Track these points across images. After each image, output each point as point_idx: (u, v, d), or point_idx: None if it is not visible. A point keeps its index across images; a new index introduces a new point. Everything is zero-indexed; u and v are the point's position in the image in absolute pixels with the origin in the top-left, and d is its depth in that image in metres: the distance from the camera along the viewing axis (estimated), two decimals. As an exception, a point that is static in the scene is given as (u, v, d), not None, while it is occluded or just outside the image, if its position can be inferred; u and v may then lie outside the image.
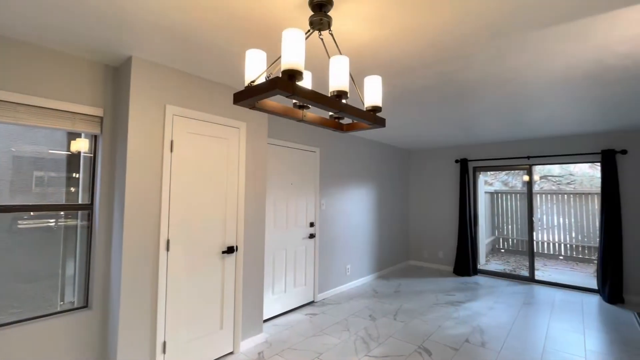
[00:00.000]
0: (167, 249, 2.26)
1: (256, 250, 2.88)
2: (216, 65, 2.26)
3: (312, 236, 3.91)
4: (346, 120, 3.25)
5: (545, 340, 2.99)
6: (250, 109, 1.31)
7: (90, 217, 2.28)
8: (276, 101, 2.89)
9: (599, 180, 4.36)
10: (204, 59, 2.16)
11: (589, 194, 6.84)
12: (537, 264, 6.27)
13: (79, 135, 2.27)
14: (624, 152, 4.23)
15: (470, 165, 5.59)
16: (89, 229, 2.27)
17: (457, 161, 5.64)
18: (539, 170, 8.37)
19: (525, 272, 5.50)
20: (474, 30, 1.71)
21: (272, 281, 3.46)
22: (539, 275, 5.32)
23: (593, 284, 4.74)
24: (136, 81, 2.12)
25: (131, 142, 2.10)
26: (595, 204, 6.62)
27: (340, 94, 1.30)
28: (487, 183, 8.40)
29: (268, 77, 1.24)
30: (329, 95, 1.32)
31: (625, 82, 2.45)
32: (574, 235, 7.01)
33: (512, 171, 7.57)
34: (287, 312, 3.61)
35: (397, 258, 5.79)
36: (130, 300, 2.07)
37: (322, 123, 1.61)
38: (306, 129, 3.91)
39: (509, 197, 7.69)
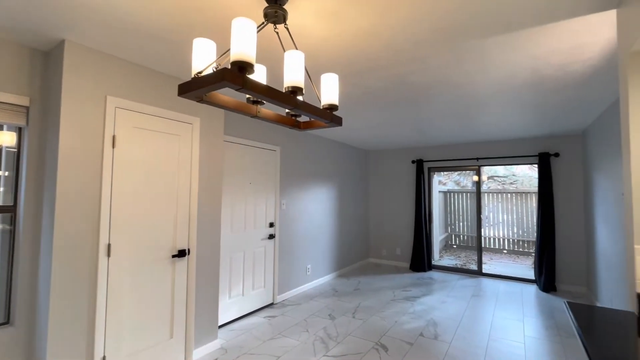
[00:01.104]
0: (108, 255, 2.05)
1: (211, 253, 2.74)
2: (165, 55, 2.10)
3: (271, 237, 3.82)
4: (304, 118, 3.21)
5: (490, 329, 3.21)
6: (197, 102, 1.22)
7: (13, 221, 2.00)
8: (229, 95, 2.77)
9: (537, 180, 4.78)
10: (151, 48, 1.99)
11: (529, 193, 7.51)
12: (484, 258, 6.74)
13: (0, 127, 1.98)
14: (557, 155, 4.68)
15: (426, 165, 5.85)
16: (12, 233, 2.00)
17: (413, 162, 5.87)
18: (486, 171, 9.01)
19: (474, 266, 5.87)
20: (426, 34, 1.76)
21: (228, 285, 3.32)
22: (486, 268, 5.72)
23: (531, 274, 5.19)
24: (70, 68, 1.90)
25: (64, 136, 1.87)
26: (534, 202, 7.29)
27: (295, 90, 1.26)
28: (441, 183, 8.88)
29: (217, 69, 1.16)
30: (284, 91, 1.27)
31: (558, 92, 2.70)
32: (515, 230, 7.65)
33: (464, 171, 8.07)
34: (245, 316, 3.49)
35: (357, 256, 5.89)
36: (61, 314, 1.85)
37: (278, 120, 1.56)
38: (266, 127, 3.82)
39: (460, 196, 8.19)
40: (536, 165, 4.86)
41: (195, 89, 1.09)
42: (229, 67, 1.13)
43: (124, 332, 2.13)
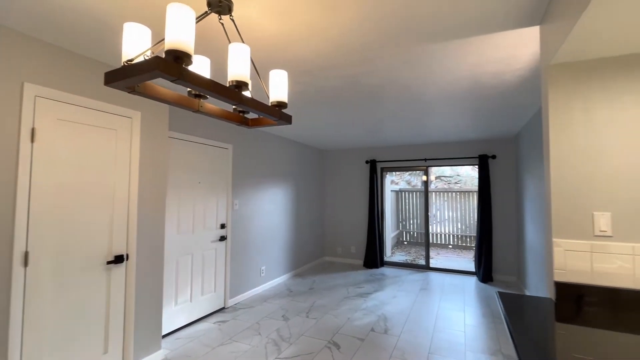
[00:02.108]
0: (25, 264, 1.80)
1: (153, 258, 2.54)
2: (97, 41, 1.90)
3: (223, 238, 3.67)
4: (252, 115, 3.13)
5: (436, 320, 3.41)
6: (129, 92, 1.11)
7: None
8: (169, 88, 2.60)
9: (477, 180, 5.18)
10: (80, 31, 1.78)
11: (471, 191, 8.15)
12: (432, 253, 7.17)
13: None
14: (494, 157, 5.12)
15: (379, 166, 6.05)
16: None
17: (367, 162, 6.04)
18: (434, 171, 9.60)
19: (423, 261, 6.21)
20: (375, 36, 1.80)
21: (175, 291, 3.11)
22: (433, 263, 6.07)
23: (472, 267, 5.63)
24: (-26, 48, 1.63)
25: (-34, 127, 1.60)
26: (475, 200, 7.92)
27: (240, 85, 1.20)
28: (394, 182, 9.27)
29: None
30: (228, 85, 1.21)
31: (494, 98, 2.94)
32: (460, 226, 8.25)
33: (414, 171, 8.51)
34: (194, 323, 3.30)
35: (313, 255, 5.91)
36: (-36, 335, 1.58)
37: (224, 116, 1.48)
38: (218, 124, 3.65)
39: (411, 195, 8.62)
40: (477, 166, 5.27)
41: (124, 78, 0.99)
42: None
43: (46, 350, 1.89)
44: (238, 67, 1.19)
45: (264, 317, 3.45)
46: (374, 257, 5.74)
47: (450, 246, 8.24)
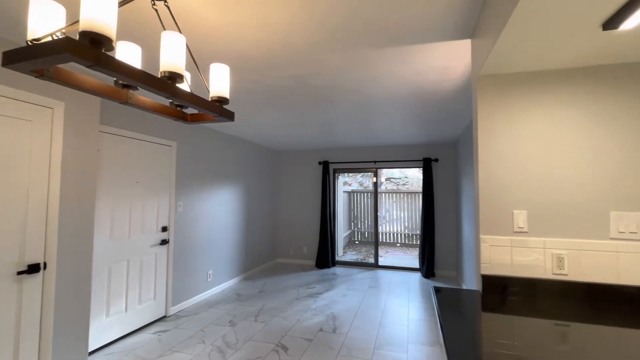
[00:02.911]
0: None
1: (78, 266, 2.27)
2: (2, 17, 1.65)
3: (164, 242, 3.42)
4: (192, 111, 2.98)
5: (382, 316, 3.53)
6: (36, 77, 0.96)
7: None
8: (99, 77, 2.36)
9: (422, 181, 5.51)
10: (-19, 3, 1.53)
11: (417, 193, 8.64)
12: (381, 252, 7.45)
13: None
14: (436, 160, 5.49)
15: (331, 167, 6.14)
16: None
17: (320, 163, 6.09)
18: (384, 173, 10.03)
19: (372, 260, 6.43)
20: (322, 37, 1.81)
21: (106, 301, 2.83)
22: (382, 261, 6.31)
23: (417, 264, 5.96)
24: None
25: None
26: (420, 201, 8.42)
27: (174, 76, 1.11)
28: (347, 183, 9.49)
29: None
30: (159, 76, 1.11)
31: (435, 105, 3.14)
32: (406, 225, 8.71)
33: (366, 173, 8.80)
34: (130, 334, 3.03)
35: (264, 257, 5.79)
36: None
37: (159, 110, 1.37)
38: (160, 119, 3.40)
39: (363, 195, 8.90)
40: (422, 169, 5.60)
41: (28, 59, 0.85)
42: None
43: None
44: (171, 57, 1.11)
45: (210, 324, 3.28)
46: (325, 257, 5.80)
47: (398, 244, 8.66)
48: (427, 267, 5.23)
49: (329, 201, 5.92)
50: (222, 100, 1.37)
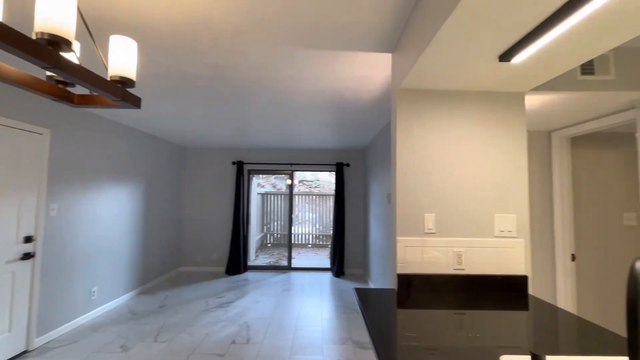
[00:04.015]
0: None
1: None
2: None
3: (28, 256, 2.68)
4: (82, 91, 2.46)
5: (297, 319, 3.52)
6: None
7: None
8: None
9: (334, 184, 5.76)
10: None
11: (328, 195, 9.03)
12: (293, 254, 7.49)
13: None
14: (348, 165, 5.81)
15: (246, 167, 5.88)
16: None
17: (234, 163, 5.77)
18: (298, 176, 10.18)
19: (285, 262, 6.39)
20: (249, 27, 1.68)
21: None
22: (295, 263, 6.34)
23: (328, 264, 6.19)
24: None
25: None
26: (331, 203, 8.82)
27: (57, 41, 0.85)
28: (260, 185, 9.27)
29: None
30: (35, 37, 0.83)
31: (352, 113, 3.30)
32: (318, 226, 9.00)
33: (280, 175, 8.76)
34: (-34, 383, 2.26)
35: (166, 266, 5.15)
36: None
37: (30, 84, 1.03)
38: (26, 99, 2.66)
39: (276, 197, 8.83)
40: (334, 173, 5.86)
41: None
42: None
43: None
44: (54, 15, 0.84)
45: (94, 353, 2.71)
46: (237, 262, 5.50)
47: (310, 245, 8.87)
48: (338, 267, 5.47)
49: (242, 203, 5.65)
50: (125, 82, 1.12)
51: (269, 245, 8.63)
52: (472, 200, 1.74)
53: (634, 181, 2.64)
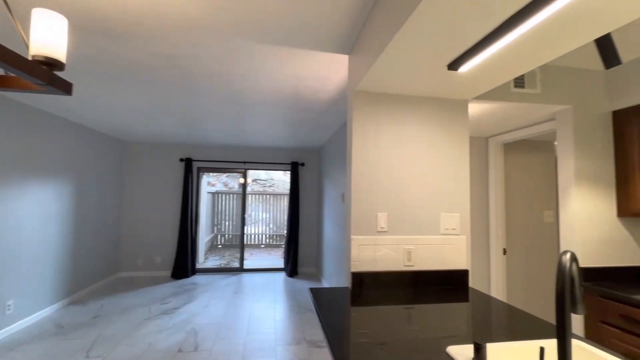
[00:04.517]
0: None
1: None
2: None
3: None
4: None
5: (249, 322, 3.42)
6: None
7: None
8: None
9: (289, 184, 5.71)
10: None
11: (282, 194, 8.95)
12: (246, 254, 7.29)
13: None
14: (303, 164, 5.81)
15: (195, 165, 5.57)
16: None
17: (182, 160, 5.43)
18: (251, 174, 9.92)
19: (237, 264, 6.19)
20: (207, 15, 1.58)
21: None
22: (247, 264, 6.17)
23: (282, 264, 6.13)
24: None
25: None
26: (286, 202, 8.75)
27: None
28: (210, 184, 8.86)
29: None
30: None
31: (309, 113, 3.30)
32: (271, 226, 8.87)
33: (232, 173, 8.45)
34: None
35: (102, 273, 4.66)
36: None
37: None
38: None
39: (228, 197, 8.51)
40: (289, 172, 5.81)
41: None
42: None
43: None
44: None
45: (7, 375, 2.35)
46: (184, 265, 5.18)
47: (263, 246, 8.71)
48: (291, 266, 5.44)
49: (191, 203, 5.34)
50: (52, 64, 0.98)
51: (220, 246, 8.29)
52: (421, 199, 1.84)
53: (553, 183, 3.01)
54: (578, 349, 1.03)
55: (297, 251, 5.56)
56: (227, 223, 8.46)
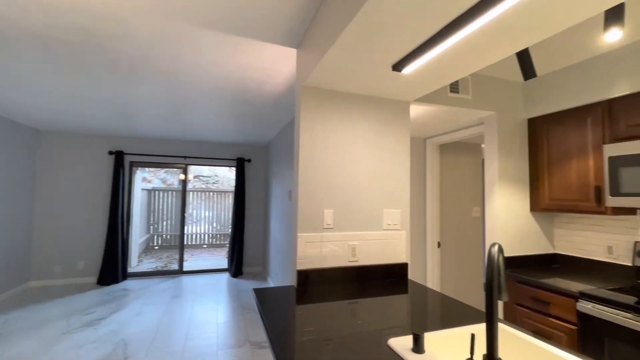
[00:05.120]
0: None
1: None
2: None
3: None
4: None
5: (188, 328, 3.20)
6: None
7: None
8: None
9: (234, 181, 5.49)
10: None
11: (227, 192, 8.59)
12: (186, 256, 6.85)
13: None
14: (249, 160, 5.63)
15: (128, 159, 5.04)
16: None
17: (111, 153, 4.87)
18: (193, 170, 9.33)
19: (176, 266, 5.77)
20: (133, -9, 1.41)
21: None
22: (187, 266, 5.79)
23: (225, 264, 5.88)
24: None
25: None
26: (231, 200, 8.41)
27: None
28: (146, 180, 8.13)
29: None
30: None
31: (256, 106, 3.19)
32: (215, 225, 8.46)
33: (171, 169, 7.85)
34: None
35: (7, 283, 3.97)
36: None
37: None
38: None
39: (166, 194, 7.89)
40: (234, 168, 5.59)
41: None
42: None
43: None
44: None
45: None
46: (113, 270, 4.67)
47: (205, 246, 8.27)
48: (236, 266, 5.25)
49: (122, 201, 4.82)
50: None
51: (157, 247, 7.66)
52: (365, 196, 1.88)
53: (480, 182, 3.34)
54: (500, 331, 1.14)
55: (242, 250, 5.38)
56: (165, 222, 7.85)
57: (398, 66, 1.42)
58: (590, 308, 1.66)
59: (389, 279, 1.87)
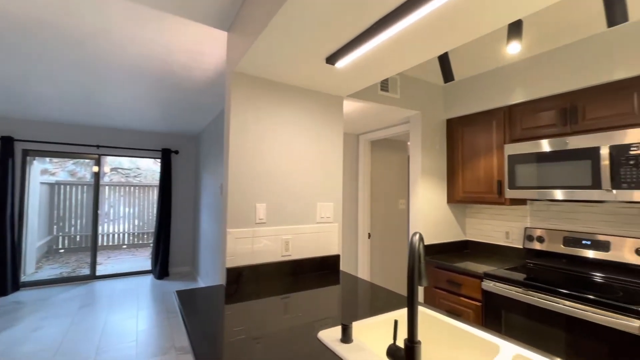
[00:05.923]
0: None
1: None
2: None
3: None
4: None
5: (100, 339, 2.82)
6: None
7: None
8: None
9: (159, 174, 5.01)
10: None
11: (152, 186, 7.81)
12: (101, 258, 6.07)
13: None
14: (177, 152, 5.18)
15: (19, 146, 4.21)
16: None
17: (-5, 138, 4.01)
18: (110, 162, 8.26)
19: (87, 270, 5.06)
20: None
21: None
22: (102, 270, 5.13)
23: (149, 265, 5.35)
24: None
25: None
26: (156, 195, 7.67)
27: None
28: (48, 172, 6.93)
29: None
30: None
31: (182, 92, 2.92)
32: (137, 223, 7.64)
33: (81, 159, 6.80)
34: None
35: None
36: None
37: None
38: None
39: (76, 188, 6.83)
40: (159, 160, 5.09)
41: None
42: None
43: None
44: None
45: None
46: (0, 280, 3.88)
47: (125, 246, 7.43)
48: (161, 267, 4.81)
49: (11, 198, 4.02)
50: None
51: (62, 250, 6.61)
52: (299, 189, 1.86)
53: (406, 176, 3.60)
54: (420, 313, 1.23)
55: (168, 249, 4.95)
56: (74, 221, 6.81)
57: (332, 59, 1.42)
58: (492, 286, 1.91)
59: (321, 271, 1.89)
